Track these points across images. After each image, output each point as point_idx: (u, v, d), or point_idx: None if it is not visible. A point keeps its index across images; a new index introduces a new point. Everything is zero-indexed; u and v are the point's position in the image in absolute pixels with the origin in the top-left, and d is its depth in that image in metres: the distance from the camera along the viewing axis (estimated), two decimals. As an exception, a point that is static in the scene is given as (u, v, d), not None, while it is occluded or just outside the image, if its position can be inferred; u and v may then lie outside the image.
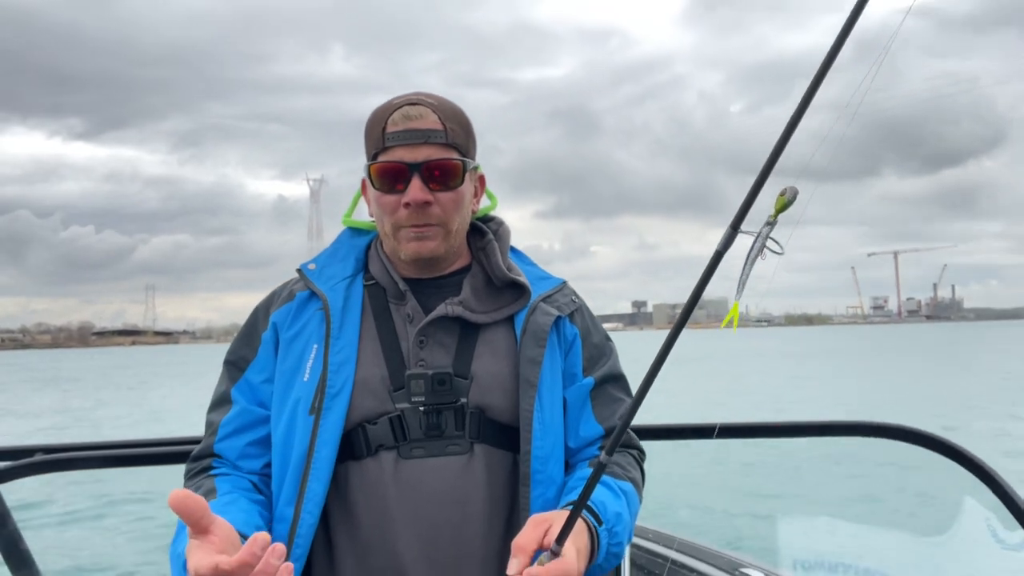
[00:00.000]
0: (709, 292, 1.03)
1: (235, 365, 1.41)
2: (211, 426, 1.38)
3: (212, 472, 1.34)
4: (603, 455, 1.08)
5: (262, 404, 1.37)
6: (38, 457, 1.88)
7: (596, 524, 1.22)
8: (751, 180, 0.98)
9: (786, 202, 0.95)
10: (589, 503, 1.22)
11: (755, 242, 0.97)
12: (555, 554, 1.09)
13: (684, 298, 1.02)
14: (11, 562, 1.96)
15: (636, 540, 2.13)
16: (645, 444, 1.52)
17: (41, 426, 22.51)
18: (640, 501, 1.41)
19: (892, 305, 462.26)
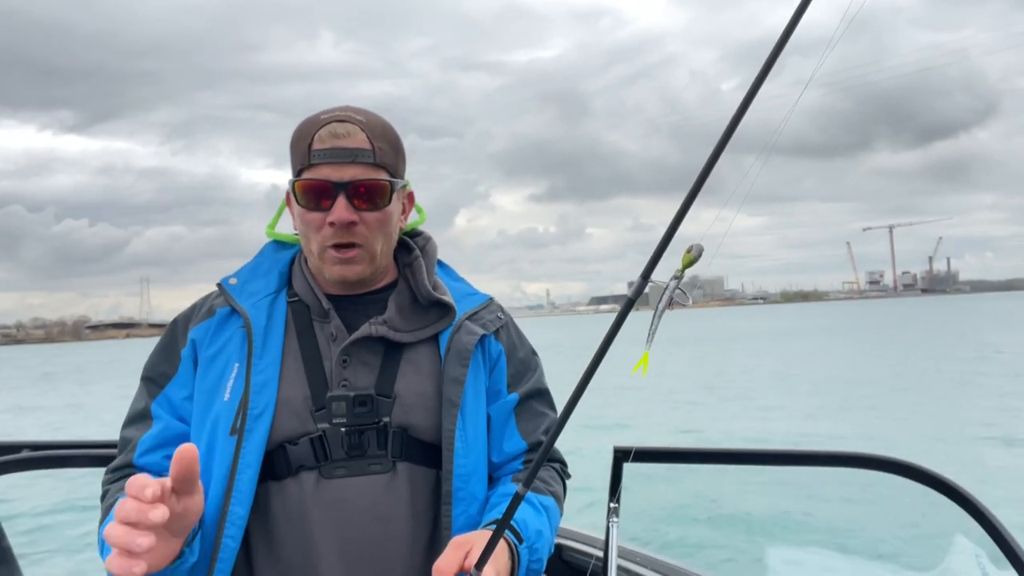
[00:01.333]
0: (705, 272, 1.07)
1: (154, 381, 1.37)
2: (128, 443, 1.34)
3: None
4: (520, 487, 1.08)
5: (183, 420, 1.34)
6: (25, 454, 1.87)
7: (516, 542, 1.22)
8: (743, 158, 1.01)
9: (692, 259, 1.01)
10: (510, 521, 1.22)
11: (663, 295, 1.04)
12: None
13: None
14: (-8, 559, 1.94)
15: (623, 563, 2.12)
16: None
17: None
18: (561, 514, 1.42)
19: (888, 279, 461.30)
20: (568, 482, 1.51)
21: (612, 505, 1.89)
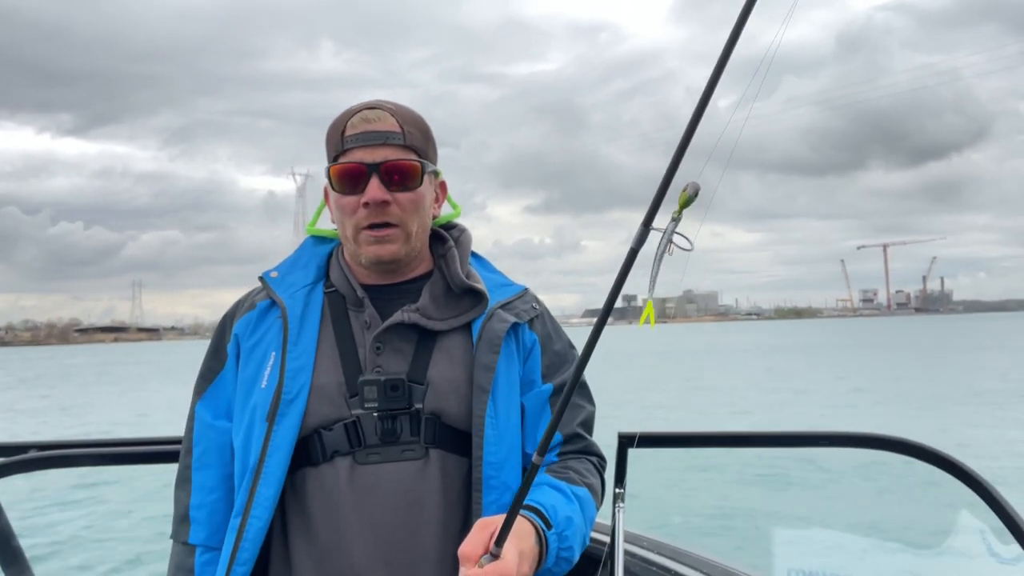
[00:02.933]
0: (699, 286, 1.05)
1: (204, 377, 1.43)
2: (185, 473, 1.41)
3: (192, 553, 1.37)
4: (535, 456, 1.07)
5: (228, 414, 1.40)
6: (32, 454, 1.88)
7: (545, 528, 1.21)
8: (734, 173, 0.99)
9: (688, 198, 0.98)
10: (538, 507, 1.23)
11: (662, 238, 1.00)
12: (495, 556, 1.07)
13: (673, 293, 1.04)
14: (3, 558, 1.96)
15: (629, 547, 2.12)
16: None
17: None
18: (597, 507, 1.41)
19: (881, 298, 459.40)
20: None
21: (617, 491, 1.89)
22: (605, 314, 1.04)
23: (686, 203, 0.98)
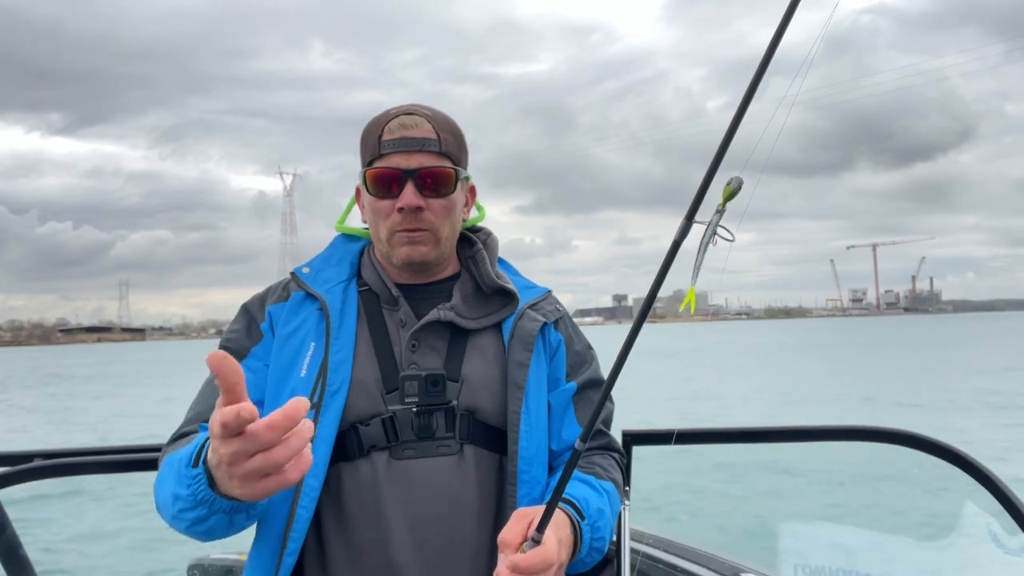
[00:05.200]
0: (688, 284, 1.08)
1: (235, 352, 1.36)
2: (181, 431, 1.33)
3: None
4: (578, 443, 1.10)
5: (258, 388, 1.34)
6: (37, 463, 1.88)
7: (579, 519, 1.24)
8: (721, 174, 1.02)
9: (732, 191, 1.01)
10: (572, 499, 1.26)
11: (707, 230, 1.03)
12: (536, 542, 1.11)
13: (666, 292, 1.06)
14: (9, 568, 1.96)
15: (635, 544, 2.13)
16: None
17: None
18: (620, 502, 1.45)
19: (871, 297, 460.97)
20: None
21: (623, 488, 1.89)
22: (646, 308, 1.07)
23: (730, 196, 1.01)
